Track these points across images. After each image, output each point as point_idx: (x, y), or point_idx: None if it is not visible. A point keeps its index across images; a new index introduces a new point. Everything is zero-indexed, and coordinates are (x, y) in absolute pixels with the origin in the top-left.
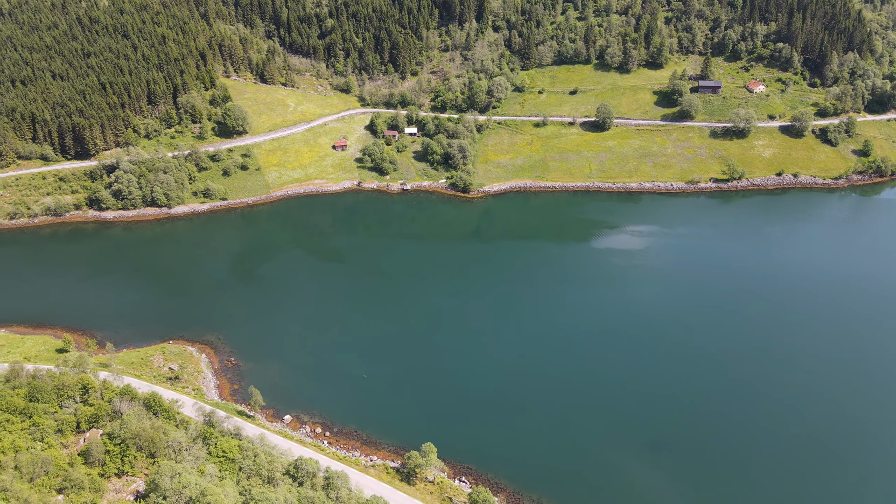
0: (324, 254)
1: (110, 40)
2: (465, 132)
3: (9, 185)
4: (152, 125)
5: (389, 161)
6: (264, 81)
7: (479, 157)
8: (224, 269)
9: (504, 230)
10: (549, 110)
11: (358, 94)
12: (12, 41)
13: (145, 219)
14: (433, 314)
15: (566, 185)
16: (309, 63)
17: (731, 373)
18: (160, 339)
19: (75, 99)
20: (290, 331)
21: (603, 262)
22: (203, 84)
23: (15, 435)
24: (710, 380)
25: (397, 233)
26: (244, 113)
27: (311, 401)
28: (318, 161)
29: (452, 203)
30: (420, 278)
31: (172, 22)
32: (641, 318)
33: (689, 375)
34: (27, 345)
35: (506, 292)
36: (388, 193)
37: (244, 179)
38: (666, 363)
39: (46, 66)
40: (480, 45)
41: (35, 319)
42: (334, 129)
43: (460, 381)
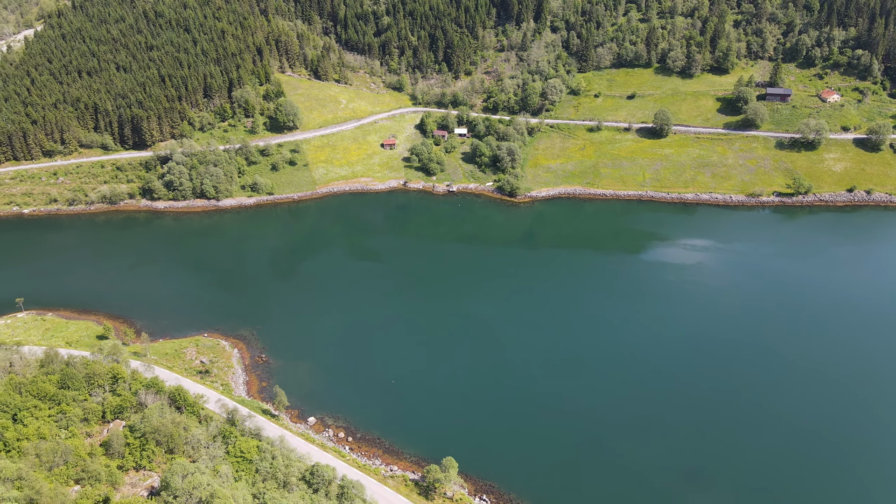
0: (364, 253)
1: (172, 34)
2: (516, 135)
3: (70, 173)
4: (207, 118)
5: (437, 161)
6: (318, 78)
7: (529, 161)
8: (264, 264)
9: (549, 237)
10: (604, 115)
11: (410, 93)
12: (82, 33)
13: (194, 210)
14: (469, 321)
15: (617, 193)
16: (363, 60)
17: (782, 404)
18: (196, 331)
19: (136, 91)
20: (323, 330)
21: (652, 276)
22: (258, 79)
23: (41, 421)
24: (760, 410)
25: (440, 235)
26: (295, 109)
27: (338, 403)
28: (365, 159)
29: (498, 207)
30: (459, 283)
31: (232, 17)
32: (689, 339)
33: (737, 404)
34: (71, 329)
35: (546, 302)
36: (433, 194)
37: (291, 175)
38: (713, 388)
39: (111, 58)
40: (537, 45)
41: (81, 304)
42: (384, 128)
43: (490, 393)
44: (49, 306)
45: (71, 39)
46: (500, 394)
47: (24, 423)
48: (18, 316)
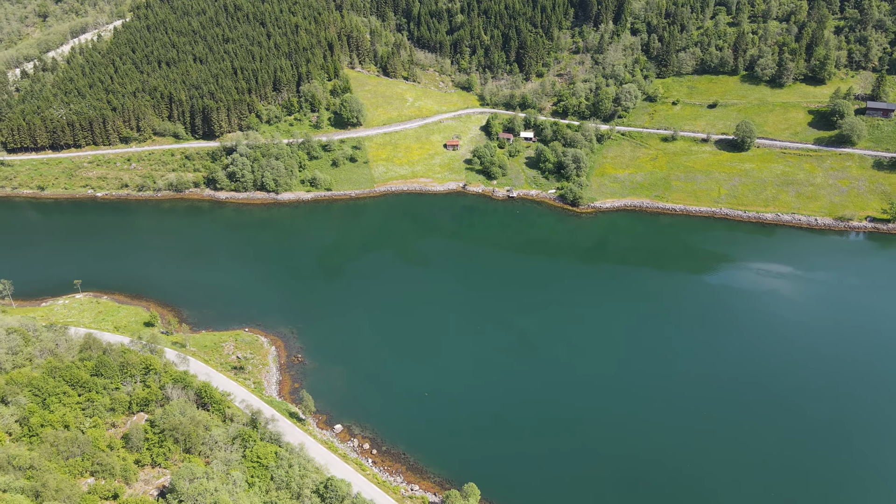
0: (414, 257)
1: (248, 27)
2: (584, 141)
3: (142, 159)
4: (274, 111)
5: (499, 165)
6: (386, 74)
7: (595, 170)
8: (314, 261)
9: (609, 252)
10: (680, 124)
11: (478, 93)
12: (165, 25)
13: (253, 202)
14: (515, 336)
15: (688, 208)
16: (434, 58)
17: (859, 459)
18: (238, 324)
19: (209, 82)
20: (363, 334)
21: (718, 301)
22: (327, 74)
23: (68, 408)
24: (830, 466)
25: (494, 242)
26: (360, 105)
27: (367, 412)
28: (426, 159)
29: (558, 216)
30: (509, 295)
31: (307, 12)
32: (754, 376)
33: (806, 455)
34: (121, 314)
35: (599, 322)
36: (492, 199)
37: (351, 171)
38: (776, 434)
39: (190, 49)
40: (614, 48)
41: (135, 290)
42: (448, 128)
43: (527, 417)
44: (105, 289)
45: (154, 30)
46: (538, 419)
47: (51, 408)
48: (76, 297)
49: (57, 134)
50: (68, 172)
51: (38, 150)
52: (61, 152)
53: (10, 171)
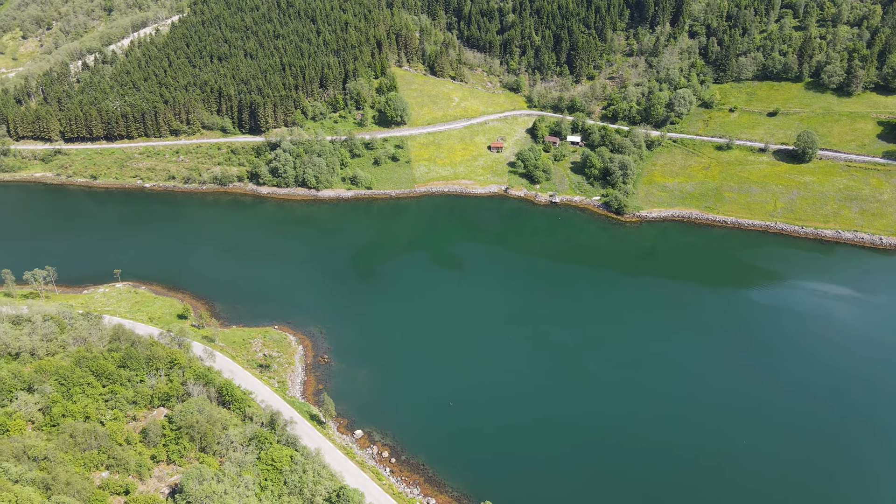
0: (449, 260)
1: (299, 24)
2: (632, 147)
3: (190, 152)
4: (319, 108)
5: (543, 169)
6: (434, 73)
7: (643, 177)
8: (349, 259)
9: (653, 263)
10: (737, 132)
11: (526, 95)
12: (220, 20)
13: (294, 198)
14: (548, 348)
15: (740, 221)
16: (483, 58)
17: None
18: (269, 321)
19: (257, 77)
20: (392, 337)
21: (768, 322)
22: (374, 72)
23: (91, 399)
24: None
25: (533, 249)
26: (404, 104)
27: (389, 419)
28: (469, 160)
29: (601, 224)
30: (545, 304)
31: (358, 9)
32: (803, 405)
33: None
34: (156, 305)
35: (637, 337)
36: (534, 204)
37: (392, 171)
38: (825, 468)
39: (241, 45)
40: (670, 51)
41: (172, 281)
42: (493, 129)
43: (553, 434)
44: (144, 279)
45: (209, 26)
46: (565, 437)
47: (74, 399)
48: (116, 286)
49: (111, 125)
50: (120, 163)
51: (94, 140)
52: (115, 143)
53: (67, 160)
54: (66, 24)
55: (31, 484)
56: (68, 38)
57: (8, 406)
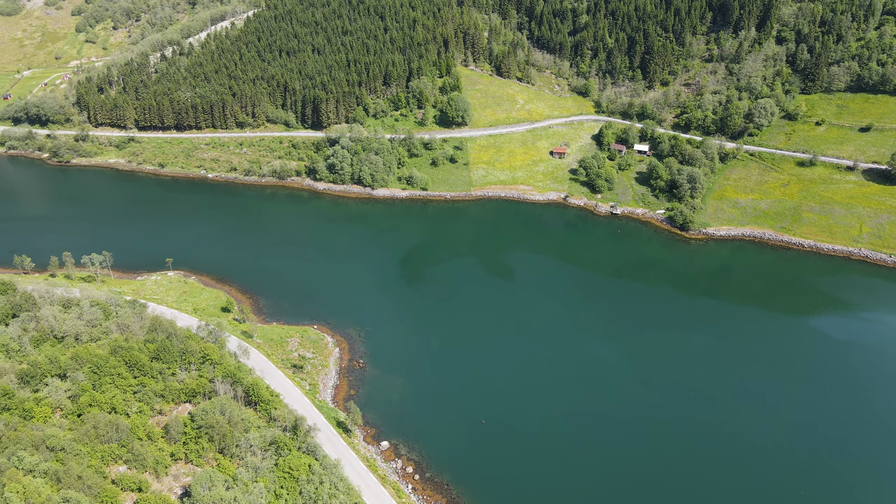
0: (498, 268)
1: (367, 20)
2: (704, 159)
3: (253, 145)
4: (381, 105)
5: (606, 178)
6: (500, 74)
7: (713, 192)
8: (398, 261)
9: (718, 286)
10: (823, 147)
11: (595, 99)
12: (291, 15)
13: (349, 195)
14: (591, 369)
15: (819, 244)
16: (552, 60)
17: None
18: (309, 319)
19: (323, 73)
20: (430, 345)
21: (844, 360)
22: (438, 71)
23: (119, 391)
24: None
25: (587, 261)
26: (466, 105)
27: (418, 432)
28: (529, 165)
29: (664, 240)
30: (594, 321)
31: (427, 7)
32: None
33: None
34: (203, 296)
35: (693, 366)
36: (593, 214)
37: (449, 172)
38: None
39: (310, 40)
40: (753, 58)
41: (221, 273)
42: (557, 134)
43: (589, 463)
44: (195, 269)
45: (281, 20)
46: (605, 469)
47: (103, 389)
48: (168, 274)
49: (182, 115)
50: (186, 152)
51: (165, 129)
52: (184, 133)
53: (138, 147)
54: (153, 17)
55: (43, 475)
56: (154, 29)
57: (41, 391)
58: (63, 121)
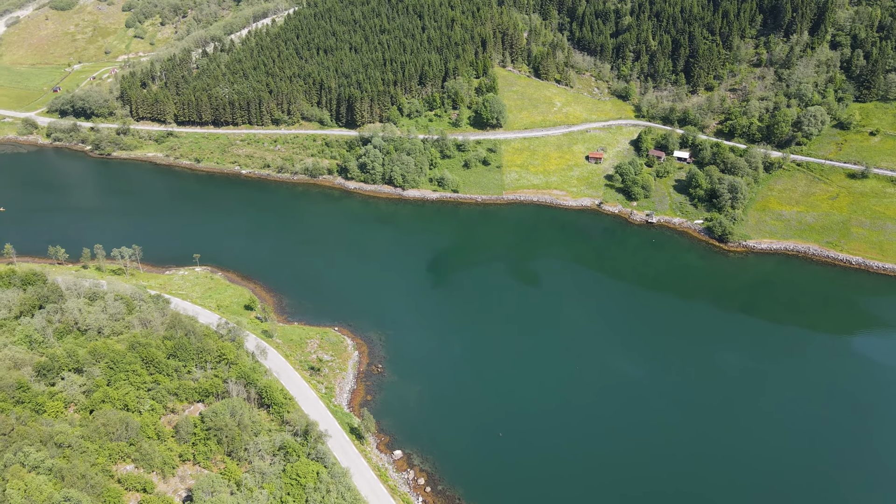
0: (526, 275)
1: (406, 19)
2: (747, 168)
3: (287, 142)
4: (415, 105)
5: (642, 185)
6: (538, 76)
7: (756, 203)
8: (424, 265)
9: (756, 301)
10: (876, 159)
11: (635, 103)
12: (331, 13)
13: (380, 195)
14: (617, 387)
15: (869, 262)
16: (592, 62)
17: None
18: (330, 321)
19: (358, 71)
20: (451, 353)
21: (892, 388)
22: (475, 71)
23: (133, 387)
24: None
25: (619, 271)
26: (501, 106)
27: (432, 442)
28: (564, 170)
29: (701, 252)
30: (622, 334)
31: (467, 6)
32: None
33: None
34: (227, 293)
35: (725, 387)
36: (628, 222)
37: (481, 175)
38: None
39: (348, 38)
40: (804, 63)
41: (247, 270)
42: (594, 138)
43: (610, 486)
44: (222, 265)
45: (320, 18)
46: (625, 491)
47: (116, 386)
48: (195, 270)
49: (219, 111)
50: (222, 148)
51: (203, 124)
52: (220, 128)
53: (176, 142)
54: (199, 13)
55: (47, 472)
56: (199, 26)
57: (58, 384)
58: (106, 114)
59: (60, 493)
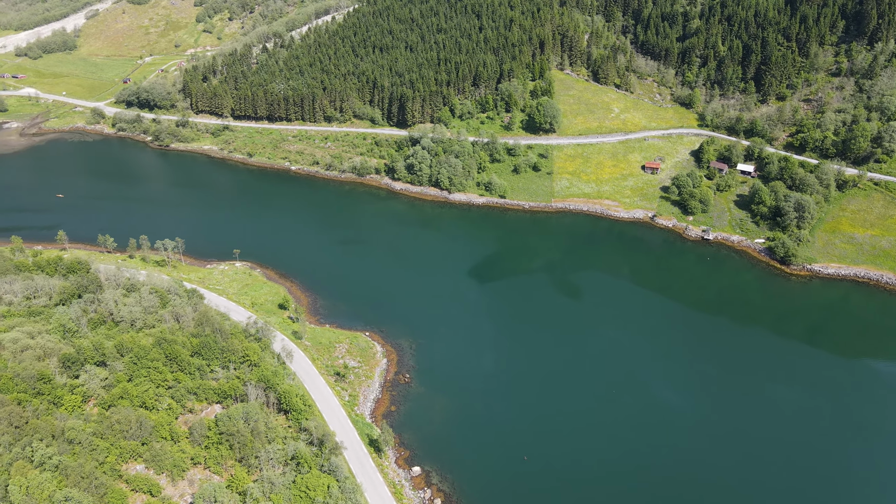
0: (566, 288)
1: (463, 19)
2: (817, 185)
3: (337, 140)
4: (467, 107)
5: (700, 199)
6: (597, 80)
7: (825, 224)
8: (465, 272)
9: (818, 331)
10: None
11: (699, 112)
12: (389, 11)
13: (425, 197)
14: (657, 417)
15: None
16: (656, 67)
17: None
18: (363, 325)
19: (412, 70)
20: (482, 367)
21: None
22: (531, 74)
23: (155, 384)
24: None
25: (668, 289)
26: (556, 111)
27: (453, 461)
28: (618, 179)
29: (760, 273)
30: (667, 359)
31: (527, 6)
32: None
33: None
34: (263, 290)
35: (778, 426)
36: (682, 237)
37: (530, 181)
38: None
39: (404, 37)
40: (889, 74)
41: (285, 267)
42: (652, 147)
43: None
44: (261, 261)
45: (378, 17)
46: None
47: (137, 382)
48: (235, 265)
49: (274, 106)
50: (274, 143)
51: (257, 119)
52: (274, 124)
53: (231, 136)
54: (265, 9)
55: (53, 469)
56: (265, 21)
57: (81, 376)
58: (168, 106)
59: (62, 492)
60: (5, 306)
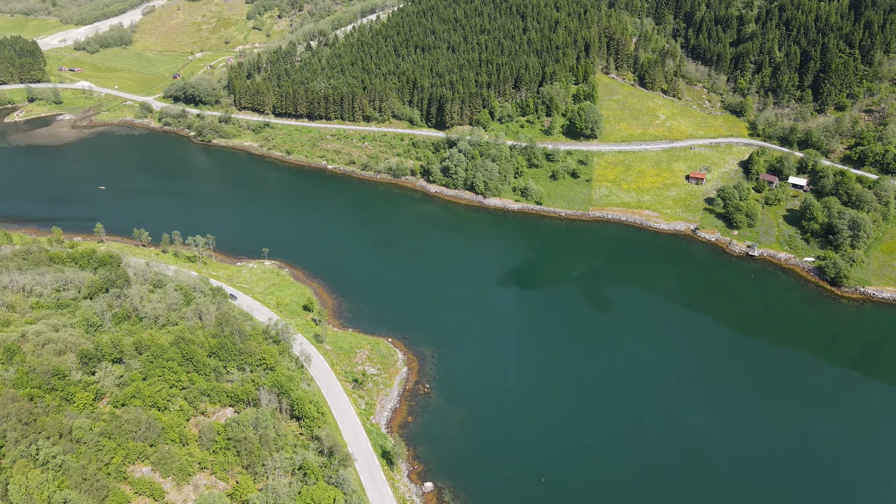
0: (602, 303)
1: (507, 20)
2: (875, 203)
3: (375, 140)
4: (507, 110)
5: (746, 213)
6: (643, 85)
7: (882, 244)
8: (494, 280)
9: (869, 360)
10: None
11: (750, 120)
12: (433, 11)
13: (460, 201)
14: (687, 445)
15: None
16: (706, 72)
17: None
18: (385, 331)
19: (452, 72)
20: (505, 380)
21: None
22: (574, 77)
23: (169, 384)
24: None
25: (706, 306)
26: (597, 116)
27: (468, 479)
28: (660, 189)
29: (807, 294)
30: (700, 381)
31: (573, 7)
32: None
33: None
34: (289, 291)
35: (816, 458)
36: (725, 252)
37: (568, 187)
38: None
39: (447, 37)
40: None
41: (313, 268)
42: (698, 156)
43: None
44: (290, 261)
45: (422, 16)
46: None
47: (150, 381)
48: (265, 263)
49: (314, 105)
50: (312, 142)
51: (298, 117)
52: (313, 122)
53: (271, 133)
54: (313, 7)
55: (56, 469)
56: (312, 19)
57: (98, 372)
58: (213, 102)
59: (61, 493)
60: (35, 298)
